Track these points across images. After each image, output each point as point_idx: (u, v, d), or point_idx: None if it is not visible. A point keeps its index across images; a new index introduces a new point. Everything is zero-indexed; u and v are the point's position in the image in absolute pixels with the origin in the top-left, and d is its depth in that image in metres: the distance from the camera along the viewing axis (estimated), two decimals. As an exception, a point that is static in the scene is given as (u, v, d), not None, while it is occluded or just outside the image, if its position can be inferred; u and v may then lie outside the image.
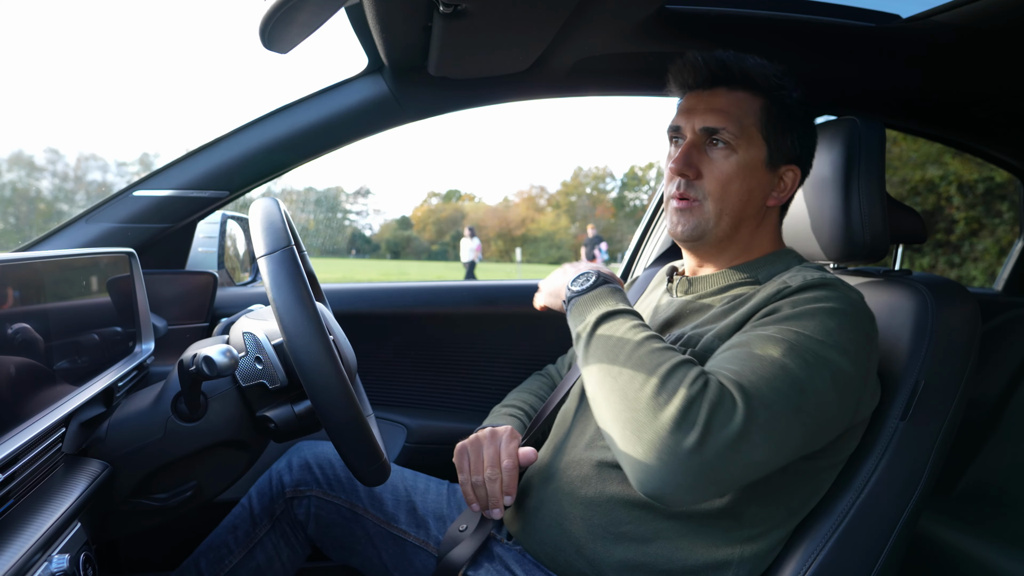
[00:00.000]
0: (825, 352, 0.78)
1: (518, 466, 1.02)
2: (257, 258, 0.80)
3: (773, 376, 0.76)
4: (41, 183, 46.58)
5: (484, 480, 1.01)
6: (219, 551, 1.11)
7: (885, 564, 0.91)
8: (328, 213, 68.16)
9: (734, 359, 0.79)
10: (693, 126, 0.95)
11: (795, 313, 0.82)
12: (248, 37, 3.64)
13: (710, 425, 0.71)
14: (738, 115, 0.93)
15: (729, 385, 0.74)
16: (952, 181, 7.97)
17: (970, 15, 1.13)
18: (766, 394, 0.74)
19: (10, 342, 0.71)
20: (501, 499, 1.01)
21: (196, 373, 0.79)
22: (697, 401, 0.72)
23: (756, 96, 0.94)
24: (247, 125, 1.34)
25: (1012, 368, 1.73)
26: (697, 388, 0.73)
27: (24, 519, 0.67)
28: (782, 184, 0.97)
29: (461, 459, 1.04)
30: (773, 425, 0.74)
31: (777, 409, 0.74)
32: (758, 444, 0.73)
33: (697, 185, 0.94)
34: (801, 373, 0.76)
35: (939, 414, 0.92)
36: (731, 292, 0.95)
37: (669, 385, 0.74)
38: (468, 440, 1.06)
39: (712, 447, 0.71)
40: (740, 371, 0.76)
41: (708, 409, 0.72)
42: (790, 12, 1.23)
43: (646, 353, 0.78)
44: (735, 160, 0.93)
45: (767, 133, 0.94)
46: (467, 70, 1.30)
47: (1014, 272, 2.16)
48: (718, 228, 0.95)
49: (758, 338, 0.80)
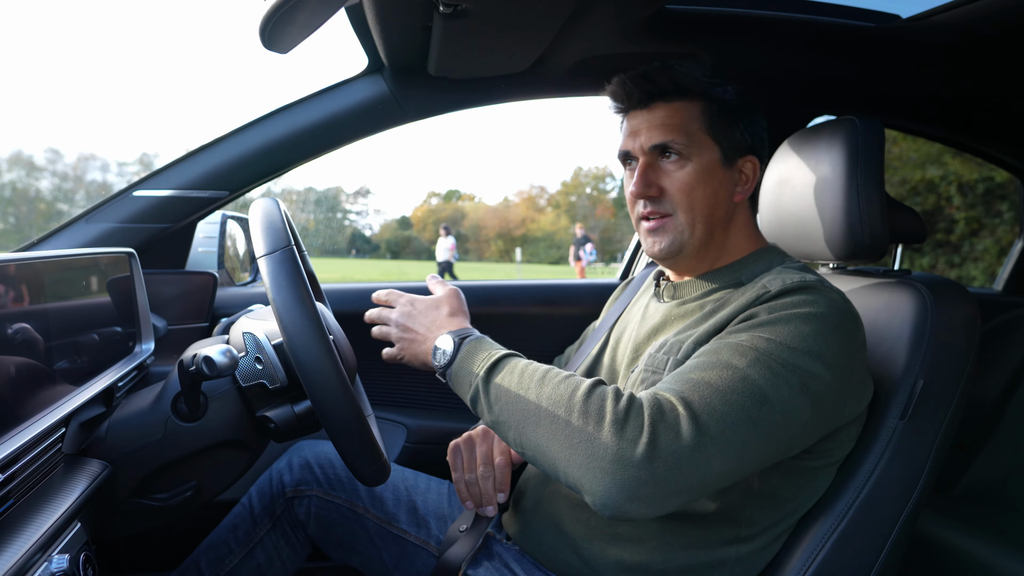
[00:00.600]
0: (796, 359, 0.78)
1: (511, 463, 1.03)
2: (257, 258, 0.80)
3: (729, 388, 0.76)
4: (41, 183, 46.58)
5: (477, 478, 1.01)
6: (219, 551, 1.11)
7: (885, 564, 0.91)
8: (328, 213, 68.08)
9: (693, 369, 0.79)
10: (642, 146, 0.94)
11: (769, 319, 0.82)
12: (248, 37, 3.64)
13: (655, 437, 0.72)
14: (682, 124, 0.93)
15: (672, 398, 0.75)
16: (952, 181, 7.97)
17: (970, 15, 1.13)
18: (717, 406, 0.74)
19: (10, 342, 0.71)
20: (494, 496, 1.01)
21: (196, 373, 0.79)
22: (632, 414, 0.73)
23: (693, 101, 0.94)
24: (247, 125, 1.34)
25: (1012, 368, 1.73)
26: (624, 403, 0.75)
27: (24, 519, 0.67)
28: (743, 177, 0.97)
29: (454, 457, 1.05)
30: (728, 437, 0.74)
31: (730, 421, 0.74)
32: (713, 455, 0.73)
33: (663, 200, 0.94)
34: (764, 383, 0.76)
35: (939, 414, 0.92)
36: (714, 296, 0.95)
37: (592, 406, 0.75)
38: (461, 438, 1.06)
39: (662, 458, 0.71)
40: (691, 384, 0.77)
41: (649, 421, 0.73)
42: (790, 12, 1.23)
43: (554, 385, 0.79)
44: (691, 168, 0.93)
45: (714, 133, 0.94)
46: (467, 70, 1.30)
47: (1014, 272, 2.16)
48: (694, 237, 0.94)
49: (727, 346, 0.80)
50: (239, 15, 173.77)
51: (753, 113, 0.98)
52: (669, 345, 0.91)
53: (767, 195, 1.14)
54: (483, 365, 0.84)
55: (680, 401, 0.75)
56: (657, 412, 0.73)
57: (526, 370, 0.82)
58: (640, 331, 1.01)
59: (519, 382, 0.81)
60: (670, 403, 0.75)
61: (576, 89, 1.46)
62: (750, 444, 0.75)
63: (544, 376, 0.80)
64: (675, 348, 0.90)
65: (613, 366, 1.04)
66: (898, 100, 1.59)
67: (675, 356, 0.89)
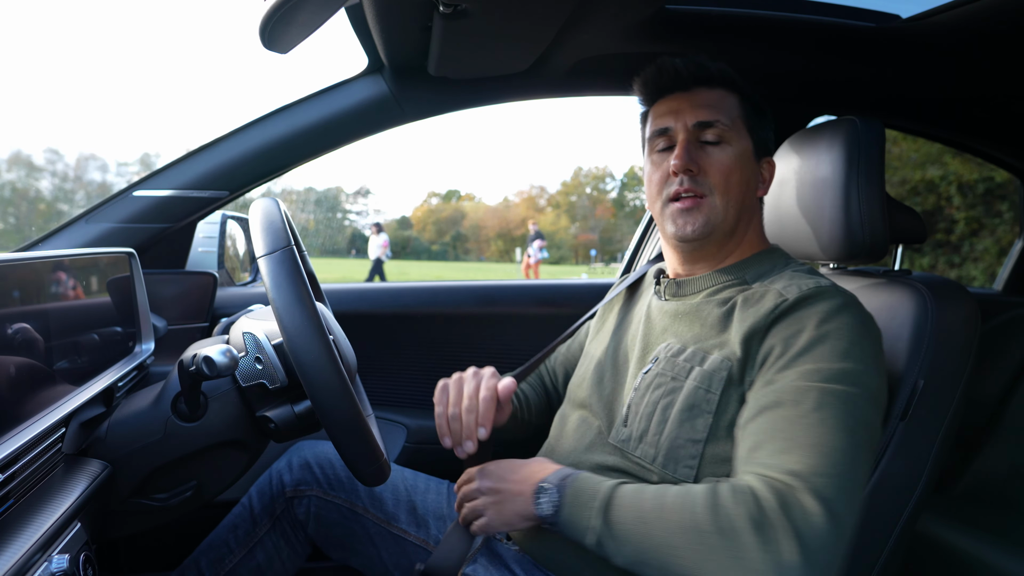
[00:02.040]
0: (852, 379, 0.79)
1: (496, 399, 1.00)
2: (257, 258, 0.80)
3: (820, 441, 0.75)
4: (41, 183, 46.58)
5: (461, 412, 0.99)
6: (219, 550, 1.11)
7: (885, 564, 0.91)
8: (328, 213, 68.23)
9: (774, 441, 0.78)
10: (685, 123, 0.95)
11: (807, 344, 0.82)
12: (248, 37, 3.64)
13: (799, 534, 0.70)
14: (725, 109, 0.96)
15: (783, 479, 0.74)
16: (952, 181, 7.97)
17: (970, 15, 1.13)
18: (824, 466, 0.74)
19: (10, 342, 0.71)
20: (475, 431, 0.98)
21: (196, 373, 0.79)
22: (766, 517, 0.72)
23: (732, 93, 0.98)
24: (247, 125, 1.34)
25: (1012, 368, 1.73)
26: (752, 504, 0.73)
27: (24, 519, 0.67)
28: (763, 176, 1.00)
29: (441, 394, 1.02)
30: (844, 487, 0.73)
31: (840, 470, 0.74)
32: (845, 513, 0.73)
33: (701, 180, 0.95)
34: (842, 416, 0.77)
35: (939, 414, 0.92)
36: (720, 296, 0.95)
37: (719, 513, 0.73)
38: (451, 377, 1.04)
39: (813, 549, 0.70)
40: (784, 453, 0.76)
41: (784, 518, 0.71)
42: (790, 12, 1.23)
43: (675, 504, 0.77)
44: (731, 151, 0.95)
45: (750, 125, 0.97)
46: (467, 70, 1.30)
47: (1014, 272, 2.16)
48: (726, 222, 0.95)
49: (788, 394, 0.79)
50: (239, 15, 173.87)
51: (771, 118, 1.01)
52: (690, 353, 0.91)
53: (768, 195, 1.14)
54: (597, 506, 0.80)
55: (791, 477, 0.74)
56: (781, 502, 0.72)
57: (643, 499, 0.80)
58: (648, 330, 1.00)
59: (639, 519, 0.78)
60: (784, 485, 0.74)
61: (576, 89, 1.46)
62: (860, 479, 0.76)
63: (662, 502, 0.78)
64: (698, 357, 0.90)
65: (616, 365, 1.04)
66: (898, 100, 1.59)
67: (701, 367, 0.88)
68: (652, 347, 0.98)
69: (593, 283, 1.74)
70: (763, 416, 0.81)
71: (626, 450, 0.92)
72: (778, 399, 0.80)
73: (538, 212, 68.46)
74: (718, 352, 0.88)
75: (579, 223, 65.04)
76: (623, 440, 0.93)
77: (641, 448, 0.90)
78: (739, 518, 0.72)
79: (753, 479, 0.76)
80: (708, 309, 0.94)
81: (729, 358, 0.87)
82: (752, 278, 0.95)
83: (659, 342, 0.97)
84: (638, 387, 0.94)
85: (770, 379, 0.83)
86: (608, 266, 37.68)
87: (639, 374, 0.96)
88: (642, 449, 0.90)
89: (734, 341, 0.87)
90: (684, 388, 0.88)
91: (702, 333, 0.92)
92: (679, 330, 0.96)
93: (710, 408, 0.86)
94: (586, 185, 67.22)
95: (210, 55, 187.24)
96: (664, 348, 0.94)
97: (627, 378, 1.00)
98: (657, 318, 1.00)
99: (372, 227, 16.56)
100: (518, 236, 60.30)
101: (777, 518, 0.71)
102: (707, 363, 0.88)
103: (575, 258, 57.36)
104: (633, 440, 0.91)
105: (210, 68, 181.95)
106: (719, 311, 0.92)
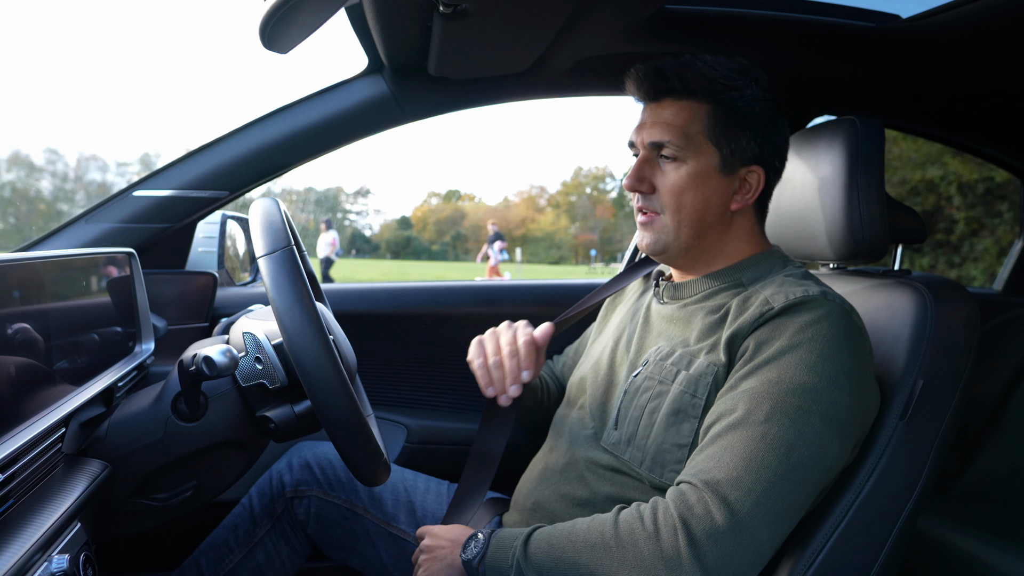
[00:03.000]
0: (811, 395, 0.79)
1: (535, 344, 1.03)
2: (257, 258, 0.80)
3: (752, 452, 0.76)
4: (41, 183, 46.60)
5: (503, 358, 1.01)
6: (219, 551, 1.11)
7: (885, 564, 0.91)
8: (328, 213, 68.22)
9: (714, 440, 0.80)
10: (643, 140, 0.94)
11: (775, 353, 0.82)
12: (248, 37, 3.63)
13: (690, 534, 0.73)
14: (682, 125, 0.91)
15: (696, 485, 0.76)
16: (952, 181, 7.97)
17: (970, 15, 1.13)
18: (744, 478, 0.75)
19: (10, 342, 0.71)
20: (519, 374, 1.01)
21: (196, 373, 0.79)
22: (661, 521, 0.75)
23: (701, 103, 0.92)
24: (247, 125, 1.34)
25: (1012, 368, 1.73)
26: (650, 514, 0.77)
27: (24, 519, 0.67)
28: (745, 186, 0.94)
29: (478, 346, 1.05)
30: (764, 505, 0.74)
31: (761, 488, 0.75)
32: (755, 528, 0.74)
33: (653, 198, 0.94)
34: (786, 432, 0.77)
35: (938, 414, 0.92)
36: (715, 300, 0.94)
37: (623, 533, 0.77)
38: (485, 333, 1.07)
39: (707, 551, 0.72)
40: (714, 461, 0.78)
41: (680, 520, 0.74)
42: (790, 12, 1.23)
43: (584, 533, 0.80)
44: (684, 171, 0.92)
45: (716, 139, 0.91)
46: (467, 70, 1.30)
47: (1014, 272, 2.16)
48: (678, 240, 0.94)
49: (742, 398, 0.81)
50: (239, 15, 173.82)
51: (770, 122, 0.94)
52: (678, 356, 0.91)
53: None
54: (519, 544, 0.83)
55: (704, 486, 0.75)
56: (685, 508, 0.74)
57: (554, 532, 0.83)
58: (643, 333, 1.01)
59: (550, 547, 0.81)
60: (695, 492, 0.75)
61: (576, 89, 1.46)
62: (789, 499, 0.76)
63: (571, 530, 0.82)
64: (685, 361, 0.90)
65: (612, 367, 1.04)
66: (898, 100, 1.59)
67: (687, 371, 0.89)
68: (644, 350, 0.98)
69: (594, 283, 1.73)
70: (717, 422, 0.82)
71: (616, 453, 0.92)
72: (733, 406, 0.81)
73: (538, 212, 68.46)
74: (704, 356, 0.88)
75: (579, 223, 65.07)
76: (613, 443, 0.93)
77: (630, 452, 0.91)
78: (639, 530, 0.76)
79: (669, 491, 0.79)
80: (700, 314, 0.94)
81: (715, 363, 0.87)
82: (748, 280, 0.95)
83: (651, 345, 0.97)
84: (628, 390, 0.95)
85: (734, 383, 0.84)
86: (608, 266, 37.67)
87: (629, 377, 0.96)
88: (631, 453, 0.90)
89: (720, 346, 0.87)
90: (670, 392, 0.88)
91: (691, 337, 0.92)
92: (671, 334, 0.96)
93: (695, 413, 0.86)
94: (586, 185, 67.22)
95: (210, 55, 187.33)
96: (654, 351, 0.94)
97: (619, 380, 1.00)
98: (653, 321, 1.00)
99: (322, 223, 14.54)
100: (518, 236, 60.33)
101: (675, 526, 0.74)
102: (693, 367, 0.88)
103: (575, 258, 57.38)
104: (622, 443, 0.92)
105: (210, 68, 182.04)
106: (711, 316, 0.92)
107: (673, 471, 0.86)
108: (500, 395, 1.02)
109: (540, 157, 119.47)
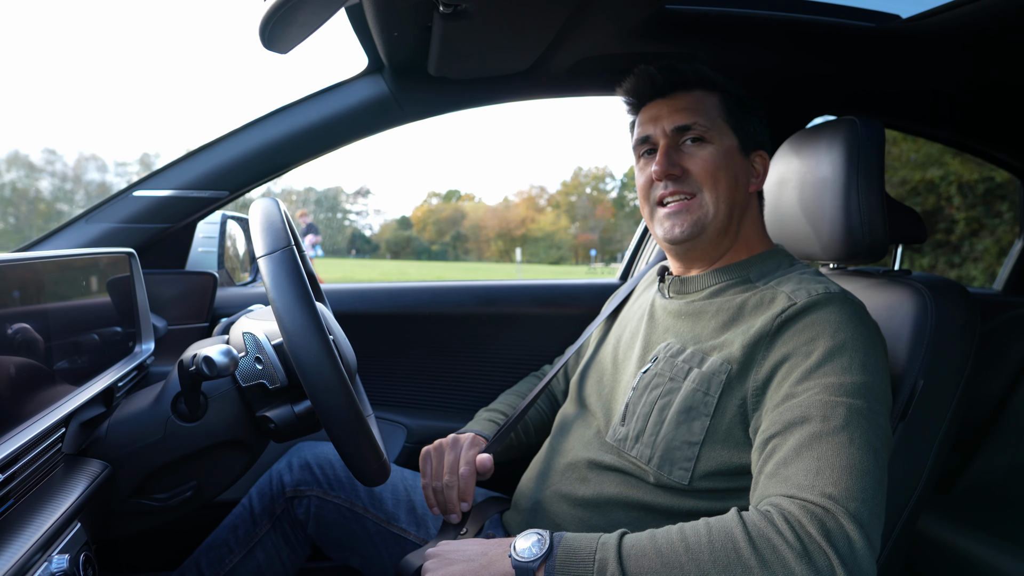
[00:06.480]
0: (873, 393, 0.79)
1: (475, 473, 1.04)
2: (257, 258, 0.80)
3: (850, 463, 0.73)
4: (40, 183, 46.60)
5: (443, 486, 1.03)
6: (219, 551, 1.11)
7: (885, 564, 0.91)
8: (328, 213, 68.23)
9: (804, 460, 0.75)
10: (664, 129, 0.98)
11: (823, 357, 0.80)
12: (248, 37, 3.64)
13: (839, 554, 0.67)
14: (704, 109, 0.97)
15: (818, 501, 0.71)
16: (952, 181, 7.97)
17: (970, 15, 1.13)
18: (855, 489, 0.72)
19: (10, 342, 0.71)
20: (457, 505, 1.02)
21: (196, 373, 0.79)
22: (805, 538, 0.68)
23: (712, 92, 0.99)
24: (247, 125, 1.34)
25: (1012, 368, 1.73)
26: (787, 528, 0.69)
27: (24, 519, 0.67)
28: (755, 170, 1.01)
29: (424, 464, 1.06)
30: (876, 512, 0.72)
31: (871, 492, 0.72)
32: (877, 538, 0.71)
33: (687, 180, 0.96)
34: (866, 434, 0.75)
35: (938, 414, 0.92)
36: (724, 296, 0.95)
37: (763, 550, 0.68)
38: (432, 445, 1.08)
39: (856, 570, 0.68)
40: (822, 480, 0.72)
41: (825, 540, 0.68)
42: (790, 12, 1.24)
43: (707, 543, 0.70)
44: (713, 150, 0.96)
45: (733, 122, 0.98)
46: (467, 70, 1.30)
47: (1014, 272, 2.16)
48: (717, 219, 0.96)
49: (813, 407, 0.77)
50: (239, 15, 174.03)
51: (761, 114, 1.02)
52: (689, 354, 0.91)
53: (767, 195, 1.14)
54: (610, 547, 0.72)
55: (827, 500, 0.71)
56: (821, 528, 0.69)
57: (655, 540, 0.72)
58: (650, 329, 1.00)
59: (659, 557, 0.70)
60: (822, 510, 0.70)
61: (576, 89, 1.46)
62: (884, 495, 0.74)
63: (684, 538, 0.71)
64: (697, 359, 0.89)
65: (616, 363, 1.04)
66: (899, 100, 1.59)
67: (699, 369, 0.88)
68: (652, 346, 0.98)
69: (593, 283, 1.74)
70: (790, 432, 0.78)
71: (622, 449, 0.92)
72: (804, 414, 0.78)
73: (538, 212, 68.46)
74: (717, 354, 0.88)
75: (579, 223, 65.09)
76: (620, 439, 0.93)
77: (637, 448, 0.90)
78: (783, 547, 0.68)
79: (787, 502, 0.72)
80: (710, 310, 0.94)
81: (729, 361, 0.86)
82: (756, 277, 0.95)
83: (660, 341, 0.97)
84: (636, 386, 0.94)
85: (791, 391, 0.80)
86: (608, 266, 37.69)
87: (638, 373, 0.96)
88: (638, 449, 0.90)
89: (736, 344, 0.87)
90: (682, 389, 0.88)
91: (702, 334, 0.92)
92: (680, 330, 0.96)
93: (707, 411, 0.86)
94: (586, 185, 67.24)
95: (210, 55, 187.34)
96: (664, 348, 0.94)
97: (626, 376, 1.00)
98: (660, 317, 1.00)
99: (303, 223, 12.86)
100: (518, 236, 60.33)
101: (823, 545, 0.68)
102: (706, 365, 0.88)
103: (575, 258, 57.40)
104: (629, 440, 0.91)
105: (210, 68, 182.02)
106: (722, 312, 0.92)
107: (682, 469, 0.86)
108: (445, 515, 1.04)
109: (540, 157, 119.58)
